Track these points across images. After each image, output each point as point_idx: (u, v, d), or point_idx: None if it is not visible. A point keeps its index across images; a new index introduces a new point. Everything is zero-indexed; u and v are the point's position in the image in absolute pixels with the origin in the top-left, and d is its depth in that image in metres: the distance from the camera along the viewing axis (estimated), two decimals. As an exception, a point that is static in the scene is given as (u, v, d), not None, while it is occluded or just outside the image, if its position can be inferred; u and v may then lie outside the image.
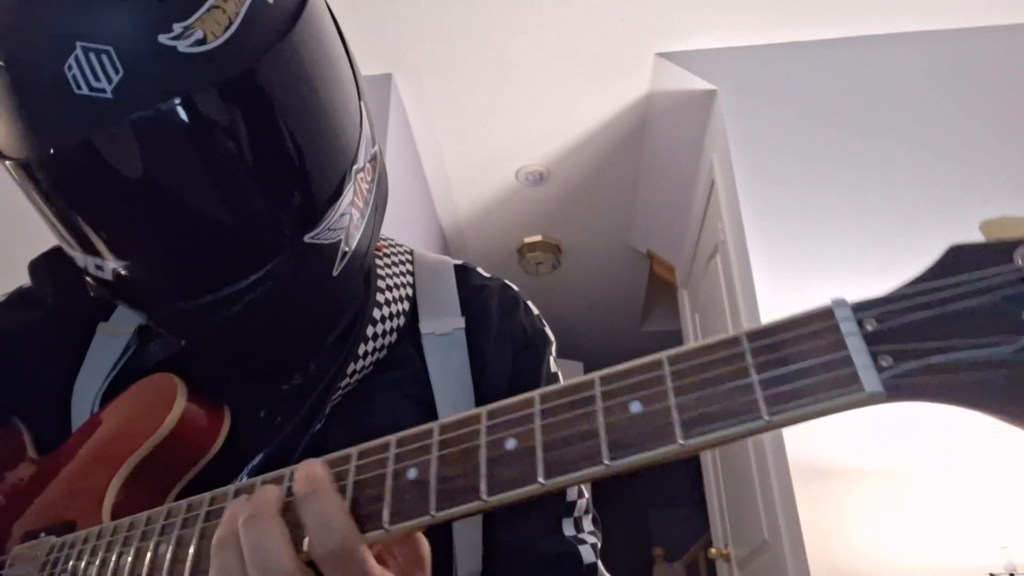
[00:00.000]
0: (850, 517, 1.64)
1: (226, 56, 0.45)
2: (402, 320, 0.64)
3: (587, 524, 0.62)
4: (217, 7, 0.45)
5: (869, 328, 0.32)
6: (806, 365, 0.32)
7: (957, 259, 0.33)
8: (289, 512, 0.40)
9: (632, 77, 2.37)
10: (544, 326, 0.71)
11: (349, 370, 0.58)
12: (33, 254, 0.65)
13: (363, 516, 0.38)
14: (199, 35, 0.44)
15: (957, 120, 2.09)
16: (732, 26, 2.21)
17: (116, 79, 0.43)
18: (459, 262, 0.73)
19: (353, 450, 0.41)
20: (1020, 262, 0.30)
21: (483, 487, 0.36)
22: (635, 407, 0.35)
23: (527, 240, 3.35)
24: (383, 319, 0.62)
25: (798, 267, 1.95)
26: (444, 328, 0.65)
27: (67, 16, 0.43)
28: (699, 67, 2.27)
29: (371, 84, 2.28)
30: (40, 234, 0.58)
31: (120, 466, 0.54)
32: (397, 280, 0.67)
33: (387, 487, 0.38)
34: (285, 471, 0.43)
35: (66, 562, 0.50)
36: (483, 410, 0.39)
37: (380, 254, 0.69)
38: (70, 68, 0.43)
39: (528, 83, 2.38)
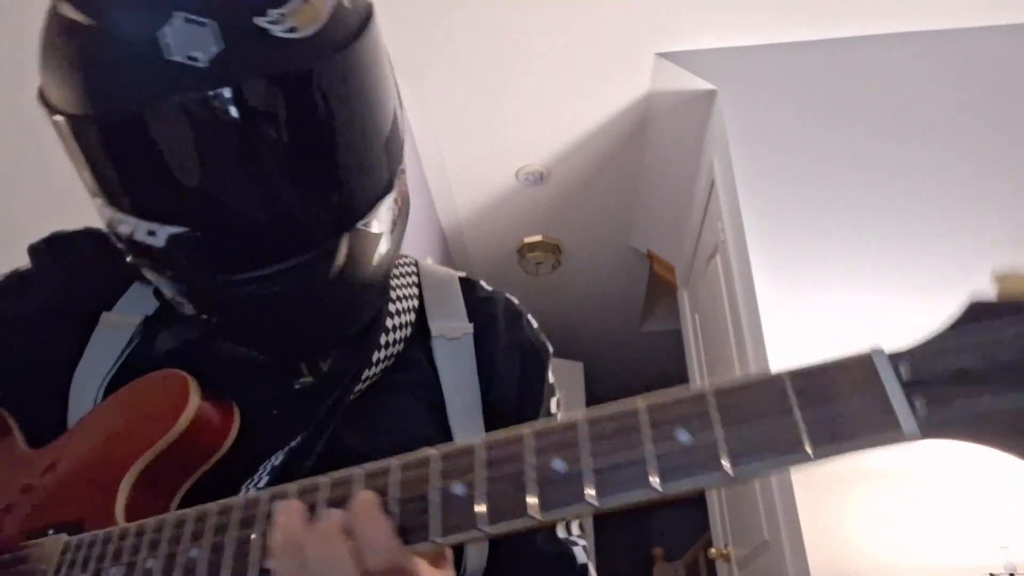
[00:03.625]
0: (850, 517, 1.64)
1: (312, 46, 0.49)
2: (409, 331, 0.66)
3: (575, 528, 0.65)
4: (308, 3, 0.49)
5: (904, 374, 0.35)
6: (847, 406, 0.35)
7: (977, 314, 0.36)
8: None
9: (632, 77, 2.37)
10: (544, 338, 0.74)
11: (363, 376, 0.60)
12: (14, 241, 0.64)
13: (409, 528, 0.40)
14: (291, 23, 0.48)
15: (957, 120, 2.09)
16: (732, 26, 2.21)
17: (214, 52, 0.45)
18: (462, 274, 0.76)
19: (394, 462, 0.42)
20: None
21: (534, 505, 0.37)
22: (683, 436, 0.36)
23: (527, 240, 3.35)
24: (394, 328, 0.64)
25: (798, 267, 1.95)
26: (454, 333, 0.67)
27: None
28: (699, 67, 2.27)
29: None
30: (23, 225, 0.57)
31: (132, 464, 0.54)
32: (405, 291, 0.69)
33: (434, 501, 0.40)
34: (322, 479, 0.44)
35: (85, 563, 0.49)
36: (529, 430, 0.40)
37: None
38: (164, 35, 0.45)
39: (528, 83, 2.38)
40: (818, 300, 1.90)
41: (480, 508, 0.38)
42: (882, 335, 1.64)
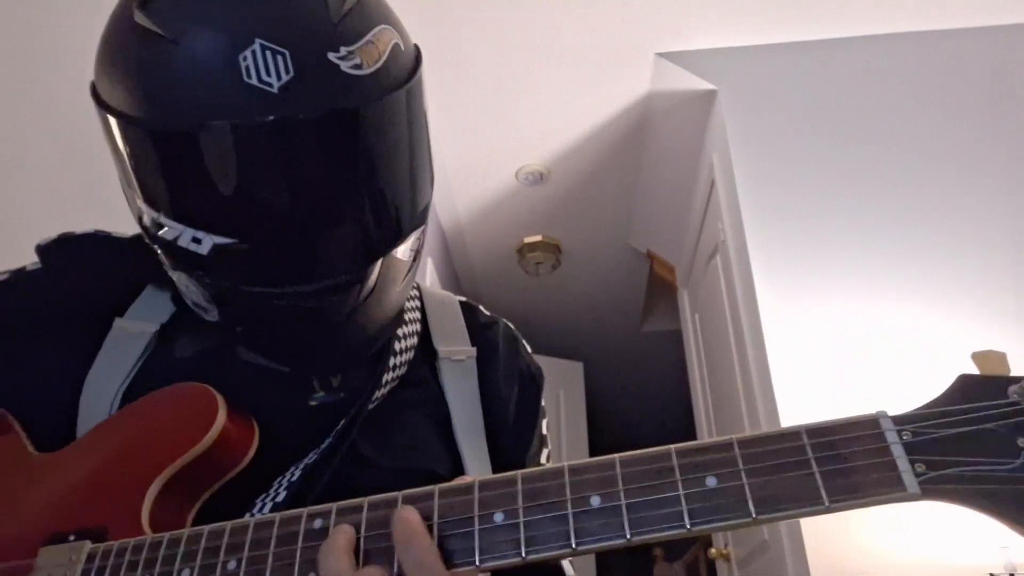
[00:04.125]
0: (850, 517, 1.64)
1: (375, 83, 0.52)
2: (412, 353, 0.69)
3: None
4: (372, 42, 0.52)
5: (906, 438, 0.40)
6: (859, 464, 0.40)
7: (966, 387, 0.41)
8: (372, 542, 0.44)
9: (632, 77, 2.37)
10: (537, 363, 0.79)
11: (375, 396, 0.63)
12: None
13: (452, 552, 0.43)
14: (358, 60, 0.51)
15: (956, 120, 2.09)
16: (732, 26, 2.21)
17: (286, 79, 0.48)
18: (463, 299, 0.80)
19: (435, 489, 0.45)
20: (1013, 397, 0.39)
21: (572, 536, 0.41)
22: (711, 482, 0.41)
23: (527, 240, 3.34)
24: (401, 351, 0.67)
25: (798, 267, 1.95)
26: (459, 355, 0.72)
27: (253, 14, 0.49)
28: (699, 67, 2.27)
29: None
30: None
31: (158, 475, 0.54)
32: (410, 315, 0.72)
33: (475, 528, 0.43)
34: (363, 500, 0.46)
35: (116, 573, 0.49)
36: (565, 467, 0.44)
37: None
38: (245, 58, 0.48)
39: (528, 83, 2.38)
40: (817, 300, 1.90)
41: (520, 536, 0.42)
42: (880, 336, 1.64)
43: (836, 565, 1.61)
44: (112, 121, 0.52)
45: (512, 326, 0.80)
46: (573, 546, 0.41)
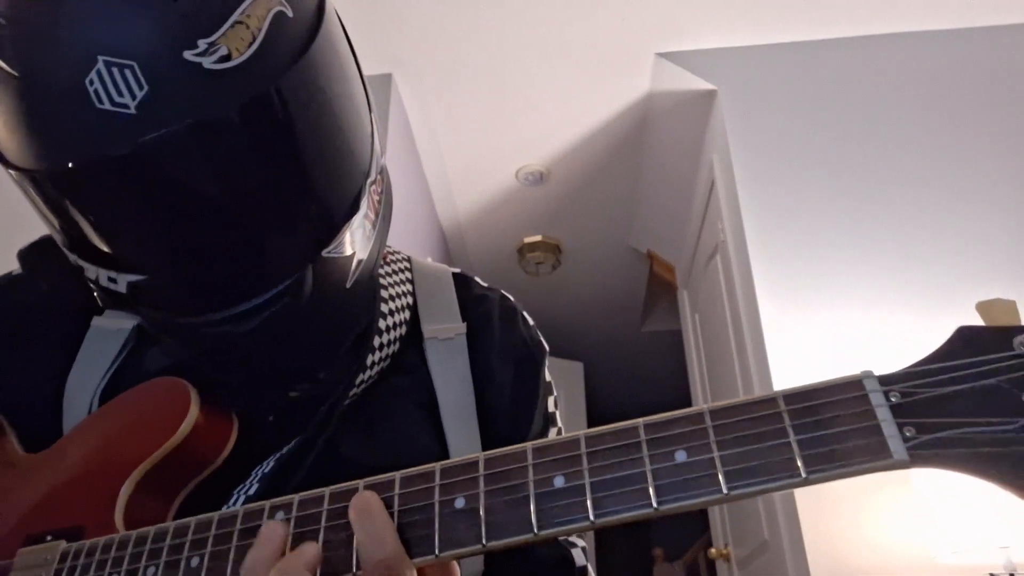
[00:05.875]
0: (850, 517, 1.64)
1: (250, 73, 0.45)
2: (404, 330, 0.65)
3: None
4: (240, 23, 0.44)
5: (894, 400, 0.36)
6: (840, 430, 0.36)
7: (965, 340, 0.37)
8: (333, 532, 0.42)
9: (632, 77, 2.37)
10: (540, 336, 0.73)
11: (357, 380, 0.59)
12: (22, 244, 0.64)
13: (411, 540, 0.41)
14: (223, 51, 0.44)
15: (957, 120, 2.09)
16: (732, 26, 2.21)
17: (140, 95, 0.42)
18: (457, 270, 0.74)
19: (396, 476, 0.43)
20: (1020, 349, 0.35)
21: (534, 520, 0.39)
22: (680, 456, 0.38)
23: (527, 240, 3.35)
24: (388, 329, 0.63)
25: (798, 267, 1.95)
26: (446, 333, 0.66)
27: (88, 29, 0.43)
28: (699, 67, 2.27)
29: (371, 84, 2.27)
30: (31, 229, 0.56)
31: (131, 472, 0.54)
32: (398, 289, 0.67)
33: (435, 515, 0.41)
34: (325, 490, 0.44)
35: (85, 572, 0.49)
36: (528, 447, 0.41)
37: (382, 262, 0.69)
38: (91, 82, 0.42)
39: (528, 83, 2.38)
40: (817, 300, 1.90)
41: (480, 523, 0.39)
42: (882, 335, 1.65)
43: (836, 565, 1.61)
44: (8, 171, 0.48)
45: (511, 298, 0.73)
46: (535, 531, 0.38)
